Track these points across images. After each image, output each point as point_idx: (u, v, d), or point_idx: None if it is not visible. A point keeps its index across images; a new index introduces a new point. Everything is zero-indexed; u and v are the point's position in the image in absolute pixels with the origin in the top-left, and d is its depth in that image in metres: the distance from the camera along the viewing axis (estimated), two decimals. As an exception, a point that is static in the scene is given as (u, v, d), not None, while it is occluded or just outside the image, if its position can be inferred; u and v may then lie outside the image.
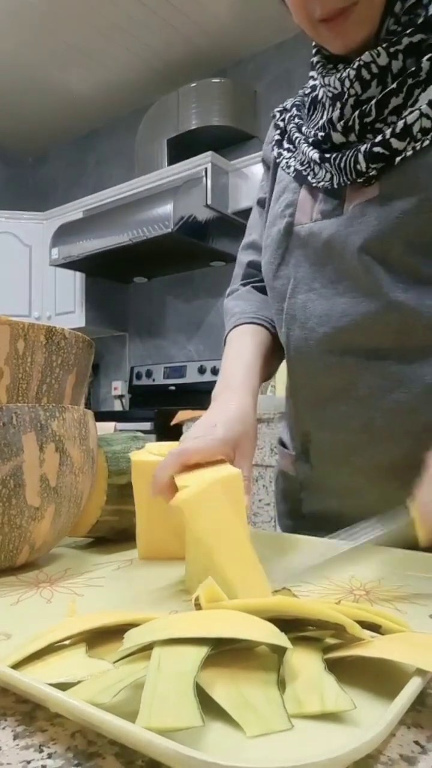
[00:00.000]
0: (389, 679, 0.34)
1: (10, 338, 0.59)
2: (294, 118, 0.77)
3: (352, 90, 0.65)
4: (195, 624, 0.35)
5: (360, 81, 0.64)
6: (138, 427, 2.87)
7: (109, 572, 0.61)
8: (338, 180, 0.67)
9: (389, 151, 0.62)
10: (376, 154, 0.63)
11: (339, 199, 0.68)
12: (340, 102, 0.66)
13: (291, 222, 0.73)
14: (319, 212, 0.70)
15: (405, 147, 0.62)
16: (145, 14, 3.02)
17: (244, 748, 0.28)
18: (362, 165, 0.64)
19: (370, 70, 0.63)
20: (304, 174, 0.72)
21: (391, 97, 0.63)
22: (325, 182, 0.69)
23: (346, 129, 0.66)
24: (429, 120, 0.60)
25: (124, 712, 0.28)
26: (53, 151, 4.49)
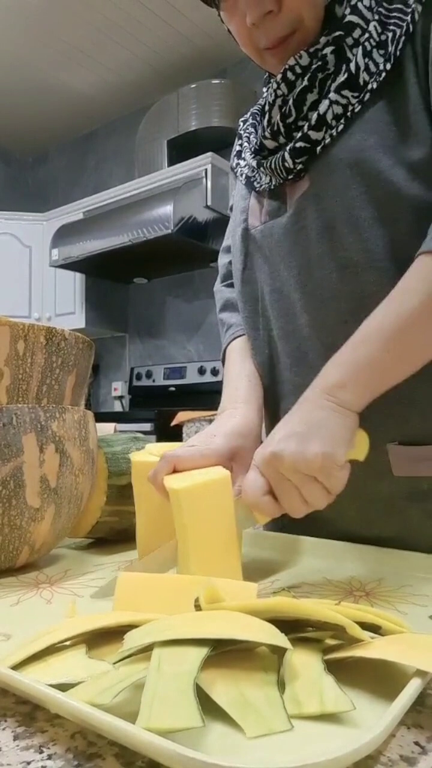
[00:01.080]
0: (389, 680, 0.34)
1: (10, 339, 0.59)
2: (248, 127, 0.81)
3: (279, 92, 0.68)
4: (195, 625, 0.35)
5: (286, 83, 0.67)
6: (138, 428, 2.87)
7: (109, 573, 0.61)
8: (275, 181, 0.71)
9: (309, 143, 0.66)
10: (299, 149, 0.66)
11: (280, 199, 0.72)
12: (270, 106, 0.69)
13: (246, 227, 0.77)
14: (266, 214, 0.74)
15: (323, 136, 0.65)
16: (145, 14, 3.02)
17: (244, 749, 0.28)
18: (289, 162, 0.67)
19: (294, 71, 0.66)
20: (251, 181, 0.76)
21: (306, 94, 0.66)
22: (265, 185, 0.73)
23: (273, 133, 0.69)
24: (339, 106, 0.64)
25: (124, 713, 0.28)
26: (53, 151, 4.49)
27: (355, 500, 0.70)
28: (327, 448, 0.52)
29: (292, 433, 0.54)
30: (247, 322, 0.80)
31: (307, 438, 0.52)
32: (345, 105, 0.64)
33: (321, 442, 0.52)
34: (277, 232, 0.71)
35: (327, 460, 0.51)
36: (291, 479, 0.52)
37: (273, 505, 0.54)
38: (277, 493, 0.53)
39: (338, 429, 0.54)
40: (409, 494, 0.68)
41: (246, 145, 0.79)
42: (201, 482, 0.54)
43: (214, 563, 0.52)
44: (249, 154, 0.76)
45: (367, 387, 0.56)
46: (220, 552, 0.52)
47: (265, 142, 0.71)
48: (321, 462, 0.51)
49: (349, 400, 0.55)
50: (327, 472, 0.52)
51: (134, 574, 0.46)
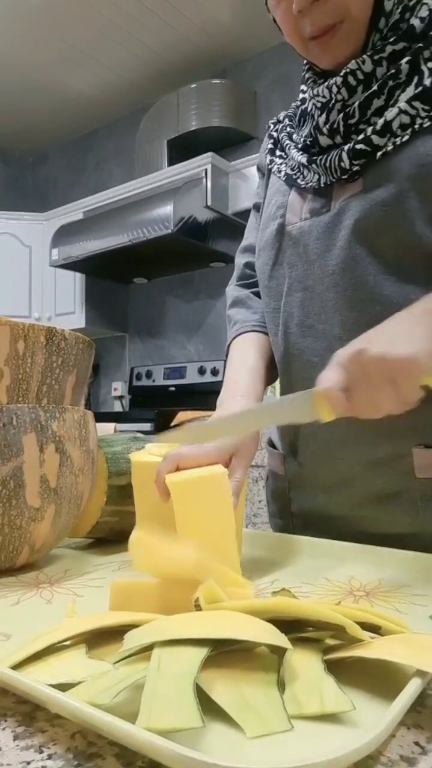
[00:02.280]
0: (389, 680, 0.34)
1: (10, 339, 0.59)
2: (285, 128, 0.81)
3: (338, 96, 0.68)
4: (195, 625, 0.35)
5: (347, 87, 0.67)
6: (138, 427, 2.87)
7: (109, 573, 0.61)
8: (325, 179, 0.71)
9: (371, 147, 0.65)
10: (358, 150, 0.66)
11: (326, 198, 0.71)
12: (328, 108, 0.70)
13: (282, 223, 0.76)
14: (308, 211, 0.73)
15: (386, 143, 0.65)
16: (145, 14, 3.02)
17: (244, 749, 0.28)
18: (346, 162, 0.67)
19: (356, 76, 0.66)
20: (294, 177, 0.76)
21: (373, 99, 0.66)
22: (313, 182, 0.72)
23: (332, 131, 0.69)
24: (408, 116, 0.64)
25: (124, 713, 0.28)
26: (53, 151, 4.48)
27: (372, 501, 0.71)
28: (415, 351, 0.52)
29: (380, 335, 0.54)
30: (270, 318, 0.80)
31: (396, 341, 0.53)
32: (413, 116, 0.64)
33: (409, 347, 0.52)
34: (317, 230, 0.71)
35: (412, 363, 0.51)
36: (371, 376, 0.52)
37: (344, 400, 0.53)
38: (353, 389, 0.53)
39: (428, 343, 0.53)
40: (426, 495, 0.68)
41: (288, 143, 0.79)
42: (197, 476, 0.55)
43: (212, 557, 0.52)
44: (295, 150, 0.76)
45: None
46: (218, 547, 0.52)
47: (320, 138, 0.71)
48: (406, 363, 0.51)
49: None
50: (407, 376, 0.52)
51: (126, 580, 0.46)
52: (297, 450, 0.79)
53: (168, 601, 0.43)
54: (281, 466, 0.84)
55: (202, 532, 0.53)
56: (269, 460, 0.90)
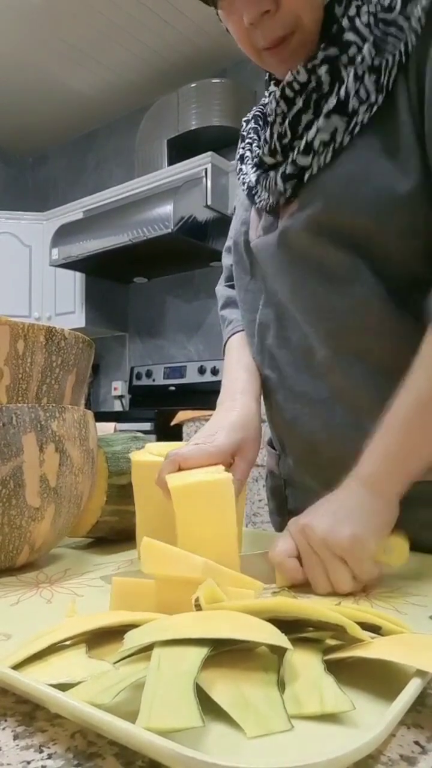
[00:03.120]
0: (389, 680, 0.34)
1: (10, 339, 0.59)
2: (250, 131, 0.80)
3: (278, 109, 0.68)
4: (195, 625, 0.35)
5: (285, 99, 0.67)
6: (138, 427, 2.87)
7: (109, 572, 0.61)
8: (270, 200, 0.71)
9: (297, 169, 0.66)
10: (288, 174, 0.67)
11: (275, 216, 0.72)
12: (270, 122, 0.69)
13: (246, 239, 0.78)
14: (261, 228, 0.75)
15: (310, 163, 0.65)
16: (145, 14, 3.02)
17: (244, 749, 0.28)
18: (280, 185, 0.68)
19: (292, 87, 0.66)
20: (252, 194, 0.76)
21: (302, 114, 0.66)
22: (264, 201, 0.73)
23: (271, 151, 0.70)
24: (326, 133, 0.63)
25: (124, 713, 0.28)
26: (53, 151, 4.48)
27: None
28: (357, 531, 0.54)
29: (328, 512, 0.56)
30: (247, 328, 0.82)
31: (341, 519, 0.55)
32: (333, 132, 0.63)
33: (352, 525, 0.54)
34: (268, 248, 0.72)
35: (356, 543, 0.53)
36: (319, 554, 0.54)
37: (298, 569, 0.55)
38: (304, 564, 0.55)
39: (372, 517, 0.56)
40: (415, 498, 0.68)
41: (248, 155, 0.79)
42: (198, 481, 0.55)
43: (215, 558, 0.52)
44: (250, 166, 0.77)
45: (396, 474, 0.58)
46: (219, 553, 0.52)
47: (264, 158, 0.71)
48: (350, 543, 0.53)
49: (384, 489, 0.57)
50: (355, 556, 0.53)
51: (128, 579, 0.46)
52: (285, 450, 0.81)
53: (168, 601, 0.43)
54: (276, 465, 0.85)
55: (203, 537, 0.53)
56: (267, 460, 0.91)
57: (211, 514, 0.53)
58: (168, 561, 0.45)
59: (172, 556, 0.45)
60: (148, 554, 0.45)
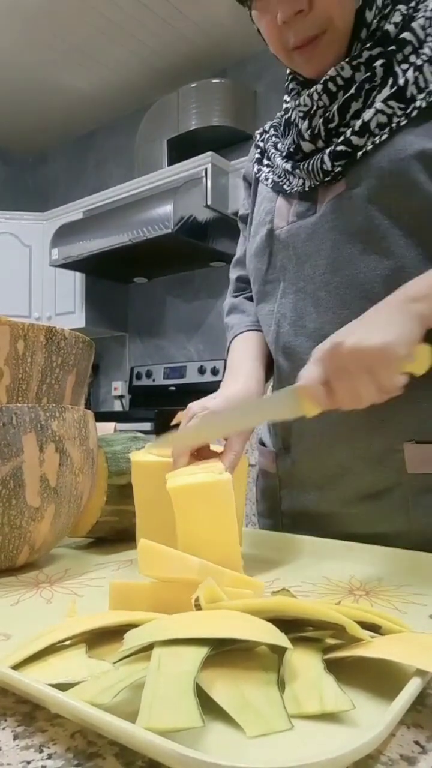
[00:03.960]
0: (389, 679, 0.34)
1: (10, 339, 0.59)
2: (271, 137, 0.83)
3: (320, 102, 0.70)
4: (195, 624, 0.35)
5: (327, 93, 0.69)
6: (138, 427, 2.87)
7: (109, 572, 0.61)
8: (309, 183, 0.73)
9: (351, 147, 0.67)
10: (339, 152, 0.68)
11: (312, 201, 0.74)
12: (309, 115, 0.72)
13: (271, 228, 0.78)
14: (294, 214, 0.75)
15: (365, 143, 0.67)
16: (145, 14, 3.02)
17: (244, 749, 0.28)
18: (328, 164, 0.69)
19: (335, 82, 0.68)
20: (280, 184, 0.78)
21: (351, 102, 0.68)
22: (298, 187, 0.74)
23: (314, 137, 0.71)
24: (384, 115, 0.66)
25: (124, 713, 0.28)
26: (53, 151, 4.48)
27: (363, 498, 0.72)
28: (389, 338, 0.53)
29: (358, 326, 0.56)
30: (264, 320, 0.82)
31: (372, 330, 0.54)
32: (390, 115, 0.65)
33: (384, 335, 0.53)
34: (305, 232, 0.73)
35: (387, 351, 0.53)
36: (348, 367, 0.53)
37: (326, 394, 0.55)
38: (332, 382, 0.54)
39: (405, 330, 0.55)
40: (417, 491, 0.69)
41: (273, 152, 0.81)
42: (198, 482, 0.55)
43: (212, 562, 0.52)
44: (280, 158, 0.79)
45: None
46: (219, 554, 0.52)
47: (303, 144, 0.73)
48: (381, 352, 0.53)
49: (424, 311, 0.57)
50: (385, 364, 0.53)
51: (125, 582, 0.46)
52: (290, 446, 0.80)
53: (168, 601, 0.43)
54: (272, 463, 0.85)
55: (204, 538, 0.52)
56: (260, 459, 0.91)
57: (212, 515, 0.53)
58: (165, 563, 0.45)
59: (168, 557, 0.45)
60: (145, 556, 0.45)
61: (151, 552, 0.45)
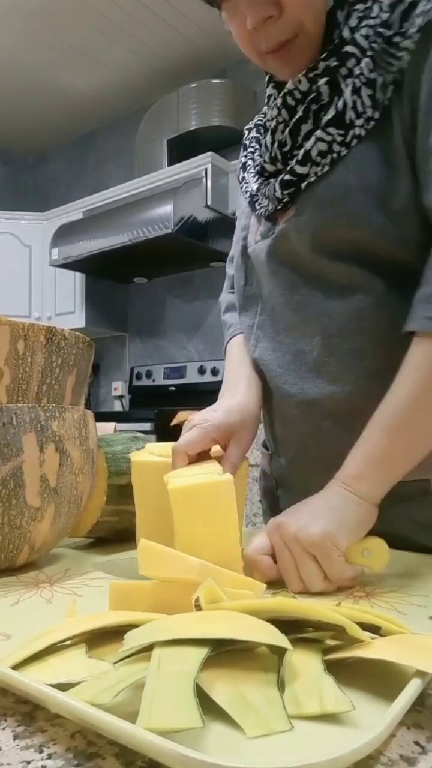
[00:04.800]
0: (389, 680, 0.34)
1: (10, 339, 0.59)
2: (252, 140, 0.82)
3: (280, 117, 0.69)
4: (195, 625, 0.35)
5: (286, 108, 0.68)
6: (138, 427, 2.87)
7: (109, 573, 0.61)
8: (270, 207, 0.73)
9: (296, 176, 0.67)
10: (286, 181, 0.68)
11: (273, 222, 0.74)
12: (271, 130, 0.71)
13: (245, 245, 0.80)
14: (259, 234, 0.77)
15: (308, 172, 0.66)
16: (145, 14, 3.02)
17: (244, 749, 0.28)
18: (278, 192, 0.69)
19: (294, 96, 0.67)
20: (252, 201, 0.78)
21: (301, 124, 0.67)
22: (264, 208, 0.74)
23: (272, 159, 0.72)
24: (324, 143, 0.64)
25: (124, 713, 0.28)
26: (53, 151, 4.48)
27: None
28: (330, 528, 0.55)
29: (305, 511, 0.58)
30: (246, 334, 0.83)
31: (316, 516, 0.56)
32: (330, 143, 0.64)
33: (326, 522, 0.55)
34: (264, 253, 0.74)
35: (326, 540, 0.54)
36: (291, 549, 0.55)
37: (271, 566, 0.57)
38: (278, 560, 0.57)
39: (348, 516, 0.57)
40: (392, 498, 0.67)
41: (250, 163, 0.80)
42: (198, 483, 0.54)
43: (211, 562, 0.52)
44: (252, 175, 0.78)
45: (379, 478, 0.58)
46: (220, 553, 0.51)
47: (265, 166, 0.73)
48: (320, 539, 0.54)
49: (364, 491, 0.58)
50: (325, 553, 0.54)
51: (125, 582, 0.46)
52: (279, 451, 0.81)
53: (168, 601, 0.43)
54: (268, 465, 0.86)
55: (204, 539, 0.52)
56: (261, 460, 0.92)
57: (212, 516, 0.53)
58: (165, 563, 0.45)
59: (169, 558, 0.45)
60: (145, 556, 0.45)
61: (152, 552, 0.45)
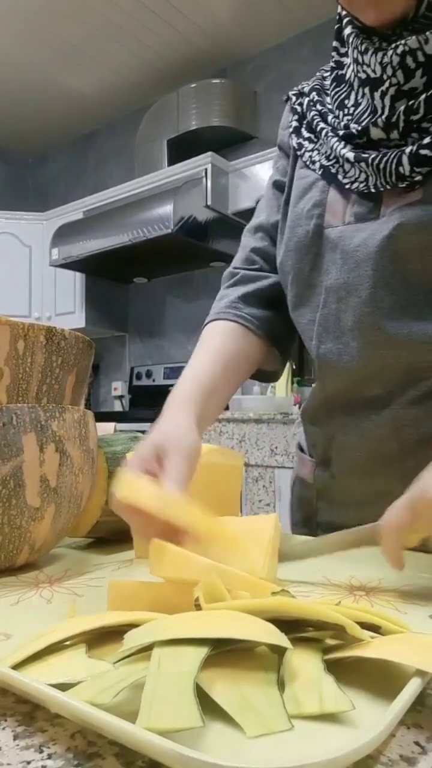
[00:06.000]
0: (389, 679, 0.34)
1: (10, 339, 0.59)
2: (315, 104, 0.70)
3: (394, 79, 0.58)
4: (195, 624, 0.35)
5: (403, 69, 0.57)
6: (138, 427, 2.87)
7: (109, 572, 0.61)
8: (375, 182, 0.62)
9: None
10: (423, 157, 0.57)
11: (375, 201, 0.63)
12: (380, 91, 0.60)
13: (320, 224, 0.67)
14: (352, 215, 0.65)
15: None
16: (145, 14, 3.02)
17: (244, 749, 0.28)
18: (406, 168, 0.59)
19: (415, 57, 0.57)
20: (332, 171, 0.66)
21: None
22: (360, 183, 0.63)
23: (388, 125, 0.60)
24: None
25: (124, 713, 0.28)
26: (53, 151, 4.48)
27: None
28: None
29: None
30: (303, 329, 0.73)
31: None
32: None
33: None
34: (361, 237, 0.63)
35: None
36: None
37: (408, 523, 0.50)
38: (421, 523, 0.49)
39: None
40: None
41: (323, 126, 0.68)
42: None
43: None
44: (335, 139, 0.65)
45: None
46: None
47: (372, 130, 0.61)
48: None
49: None
50: None
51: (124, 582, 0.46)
52: (330, 460, 0.73)
53: (168, 601, 0.43)
54: (310, 473, 0.77)
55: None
56: (298, 466, 0.83)
57: None
58: (176, 563, 0.44)
59: (180, 558, 0.45)
60: (157, 557, 0.45)
61: (163, 552, 0.45)
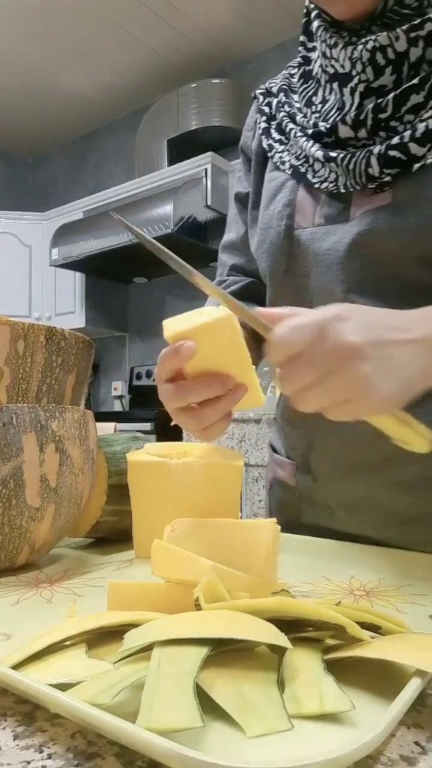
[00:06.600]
0: (389, 679, 0.34)
1: (10, 339, 0.59)
2: (283, 105, 0.68)
3: (363, 75, 0.57)
4: (195, 624, 0.35)
5: (373, 66, 0.56)
6: (138, 427, 2.87)
7: (109, 572, 0.61)
8: (345, 182, 0.60)
9: (407, 156, 0.55)
10: (392, 158, 0.56)
11: (345, 203, 0.62)
12: (348, 87, 0.59)
13: (290, 225, 0.66)
14: (321, 216, 0.63)
15: (425, 153, 0.55)
16: (146, 14, 3.02)
17: (244, 749, 0.28)
18: (375, 169, 0.57)
19: (385, 54, 0.55)
20: (302, 171, 0.65)
21: (411, 94, 0.55)
22: (329, 183, 0.62)
23: (356, 122, 0.58)
24: None
25: (124, 713, 0.28)
26: (53, 151, 4.48)
27: (398, 522, 0.66)
28: (400, 390, 0.42)
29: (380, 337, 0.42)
30: None
31: (390, 369, 0.41)
32: None
33: (393, 385, 0.41)
34: (331, 240, 0.62)
35: (387, 403, 0.41)
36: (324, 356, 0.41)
37: None
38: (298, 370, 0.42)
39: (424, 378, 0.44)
40: None
41: (292, 127, 0.66)
42: (199, 324, 0.54)
43: None
44: (304, 138, 0.64)
45: None
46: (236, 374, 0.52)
47: (341, 128, 0.59)
48: (380, 403, 0.41)
49: None
50: (364, 403, 0.41)
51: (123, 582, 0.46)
52: (309, 464, 0.72)
53: (168, 601, 0.43)
54: (292, 477, 0.75)
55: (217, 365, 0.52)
56: (275, 468, 0.80)
57: (222, 355, 0.52)
58: (178, 564, 0.44)
59: (182, 559, 0.45)
60: (159, 557, 0.45)
61: (165, 553, 0.45)
